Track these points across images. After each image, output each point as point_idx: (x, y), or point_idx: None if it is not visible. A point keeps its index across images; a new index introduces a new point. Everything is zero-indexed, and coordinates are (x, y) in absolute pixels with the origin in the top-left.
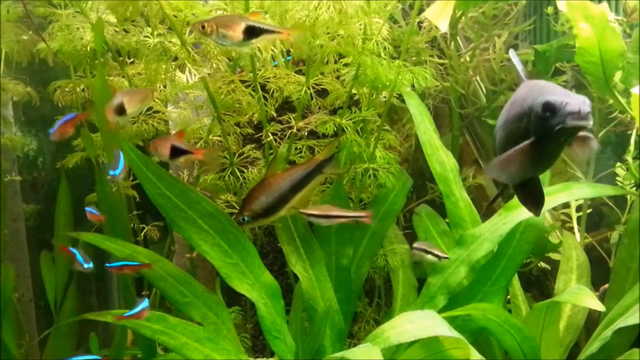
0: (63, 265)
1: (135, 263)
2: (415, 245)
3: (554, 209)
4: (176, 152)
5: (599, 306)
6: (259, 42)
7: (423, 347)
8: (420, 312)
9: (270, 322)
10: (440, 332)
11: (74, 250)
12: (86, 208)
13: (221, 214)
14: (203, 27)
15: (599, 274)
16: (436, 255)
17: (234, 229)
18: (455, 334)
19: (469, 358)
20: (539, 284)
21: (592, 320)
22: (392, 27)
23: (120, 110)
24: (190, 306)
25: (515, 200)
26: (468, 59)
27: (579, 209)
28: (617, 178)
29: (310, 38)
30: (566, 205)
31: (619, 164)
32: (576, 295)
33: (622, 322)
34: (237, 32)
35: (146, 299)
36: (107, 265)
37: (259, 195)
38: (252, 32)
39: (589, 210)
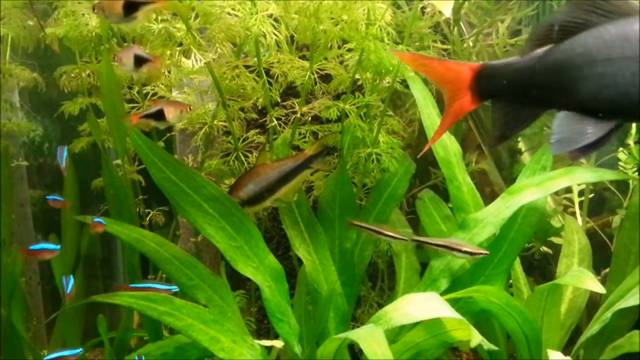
0: (70, 249)
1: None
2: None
3: (556, 193)
4: (140, 61)
5: (599, 288)
6: (141, 14)
7: (425, 328)
8: (422, 295)
9: (275, 304)
10: (443, 314)
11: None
12: (47, 197)
13: (226, 197)
14: (94, 8)
15: (601, 258)
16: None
17: (239, 212)
18: (457, 315)
19: (470, 339)
20: (541, 268)
21: (594, 304)
22: (395, 12)
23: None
24: (195, 289)
25: (518, 184)
26: (471, 44)
27: (581, 193)
28: (619, 162)
29: (314, 23)
30: (568, 190)
31: (621, 148)
32: (577, 277)
33: (622, 304)
34: (118, 8)
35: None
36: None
37: (247, 183)
38: (131, 7)
39: (591, 195)
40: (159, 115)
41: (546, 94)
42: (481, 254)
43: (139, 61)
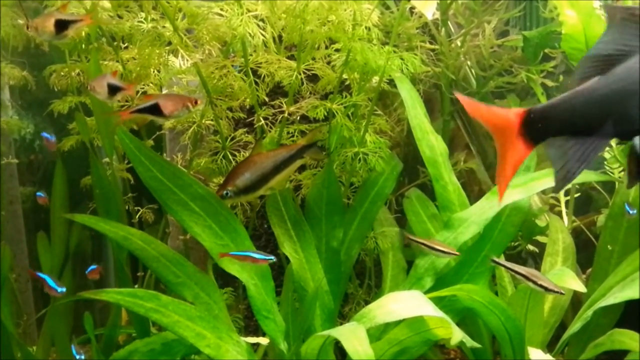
0: (59, 247)
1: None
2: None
3: (543, 192)
4: (61, 25)
5: (580, 287)
6: (71, 31)
7: (409, 326)
8: (406, 293)
9: (261, 302)
10: (425, 312)
11: (44, 276)
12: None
13: (212, 196)
14: (27, 27)
15: (587, 256)
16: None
17: (225, 211)
18: (439, 313)
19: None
20: (529, 266)
21: (580, 301)
22: (383, 12)
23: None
24: (182, 286)
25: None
26: (459, 44)
27: (567, 192)
28: (606, 162)
29: (301, 24)
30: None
31: (607, 148)
32: (559, 276)
33: (602, 302)
34: (50, 27)
35: None
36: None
37: (244, 172)
38: (62, 25)
39: (578, 195)
40: (155, 110)
41: (602, 126)
42: (558, 292)
43: (113, 90)
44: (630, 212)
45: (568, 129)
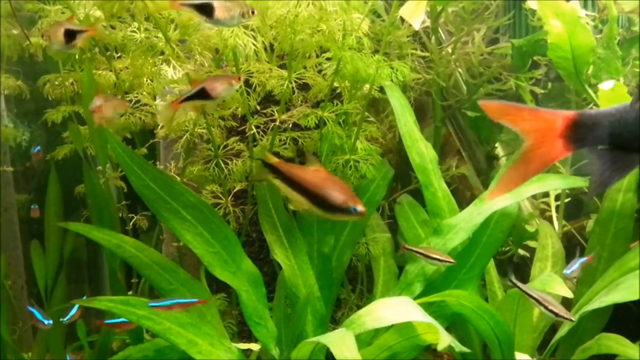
0: (53, 254)
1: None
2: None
3: (534, 197)
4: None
5: (567, 293)
6: (79, 41)
7: (398, 332)
8: (395, 299)
9: (252, 308)
10: (414, 318)
11: (32, 309)
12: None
13: (204, 205)
14: (42, 35)
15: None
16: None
17: (216, 219)
18: (428, 319)
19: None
20: (520, 271)
21: (570, 306)
22: (374, 21)
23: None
24: (175, 293)
25: (490, 191)
26: (450, 51)
27: (557, 197)
28: None
29: (292, 34)
30: (546, 194)
31: None
32: (546, 282)
33: (588, 307)
34: (60, 36)
35: None
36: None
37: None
38: (71, 35)
39: (568, 199)
40: (204, 94)
41: None
42: (568, 319)
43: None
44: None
45: (613, 140)
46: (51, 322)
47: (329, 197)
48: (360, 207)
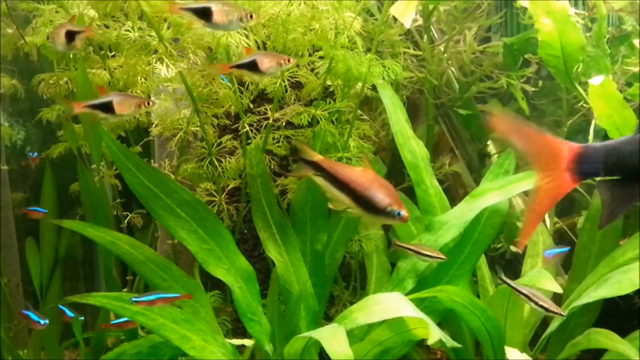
0: (48, 252)
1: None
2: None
3: (527, 195)
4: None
5: (556, 288)
6: (78, 42)
7: (390, 327)
8: (387, 295)
9: (246, 305)
10: (405, 313)
11: (26, 312)
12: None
13: (198, 202)
14: (48, 37)
15: (570, 257)
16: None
17: (210, 216)
18: (419, 314)
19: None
20: (512, 268)
21: (561, 301)
22: (367, 20)
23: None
24: (169, 290)
25: (480, 187)
26: (443, 49)
27: None
28: None
29: (284, 33)
30: None
31: None
32: (536, 278)
33: (576, 302)
34: (62, 36)
35: None
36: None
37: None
38: (71, 35)
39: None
40: (253, 66)
41: None
42: (558, 313)
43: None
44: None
45: (620, 172)
46: (47, 321)
47: (373, 199)
48: (404, 212)
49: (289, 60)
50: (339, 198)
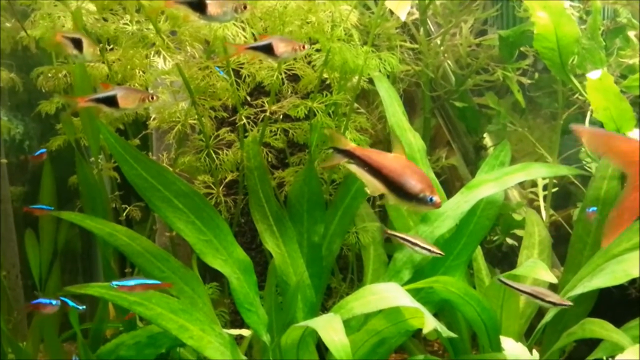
0: (47, 244)
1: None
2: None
3: (523, 187)
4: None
5: (551, 278)
6: (86, 50)
7: (386, 317)
8: (383, 285)
9: (243, 295)
10: (401, 303)
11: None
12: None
13: (195, 193)
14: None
15: (566, 249)
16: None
17: (208, 207)
18: (415, 304)
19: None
20: (508, 260)
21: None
22: (363, 13)
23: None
24: (167, 281)
25: (476, 179)
26: (439, 42)
27: (545, 187)
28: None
29: (281, 25)
30: (534, 183)
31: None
32: (531, 268)
33: (571, 292)
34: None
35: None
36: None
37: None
38: (78, 42)
39: (556, 189)
40: (268, 49)
41: None
42: (565, 305)
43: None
44: (589, 211)
45: None
46: (58, 302)
47: (406, 185)
48: (436, 198)
49: (303, 47)
50: (373, 184)
